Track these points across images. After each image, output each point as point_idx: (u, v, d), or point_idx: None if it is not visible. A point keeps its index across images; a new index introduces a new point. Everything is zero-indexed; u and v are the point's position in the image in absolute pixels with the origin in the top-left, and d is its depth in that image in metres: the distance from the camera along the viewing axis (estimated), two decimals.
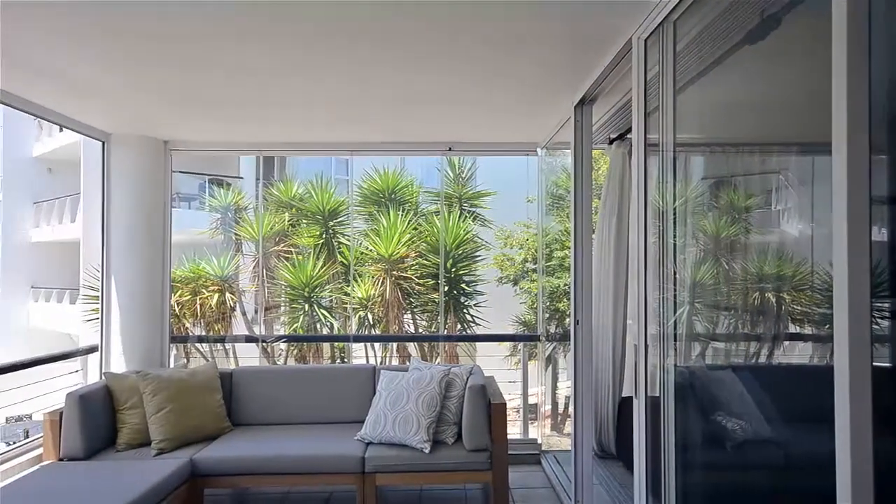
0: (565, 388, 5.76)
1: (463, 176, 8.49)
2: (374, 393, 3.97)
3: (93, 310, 7.28)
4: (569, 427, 4.52)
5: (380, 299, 7.52)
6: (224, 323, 8.03)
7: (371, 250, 7.75)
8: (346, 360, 7.93)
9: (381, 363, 7.81)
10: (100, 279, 4.42)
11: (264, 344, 7.43)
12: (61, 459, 3.46)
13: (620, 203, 4.19)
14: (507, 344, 8.43)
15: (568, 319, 4.93)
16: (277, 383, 4.25)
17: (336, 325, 8.08)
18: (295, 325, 7.82)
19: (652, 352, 2.29)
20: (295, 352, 8.06)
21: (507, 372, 6.99)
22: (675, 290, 2.27)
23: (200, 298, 7.76)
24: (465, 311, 7.89)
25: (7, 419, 10.80)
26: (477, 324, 7.97)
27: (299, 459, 3.50)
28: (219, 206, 9.33)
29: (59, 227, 17.09)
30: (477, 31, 2.46)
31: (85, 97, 3.42)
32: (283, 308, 8.35)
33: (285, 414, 4.16)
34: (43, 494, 2.89)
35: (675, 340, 2.27)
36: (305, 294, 7.61)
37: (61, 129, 15.60)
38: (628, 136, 4.08)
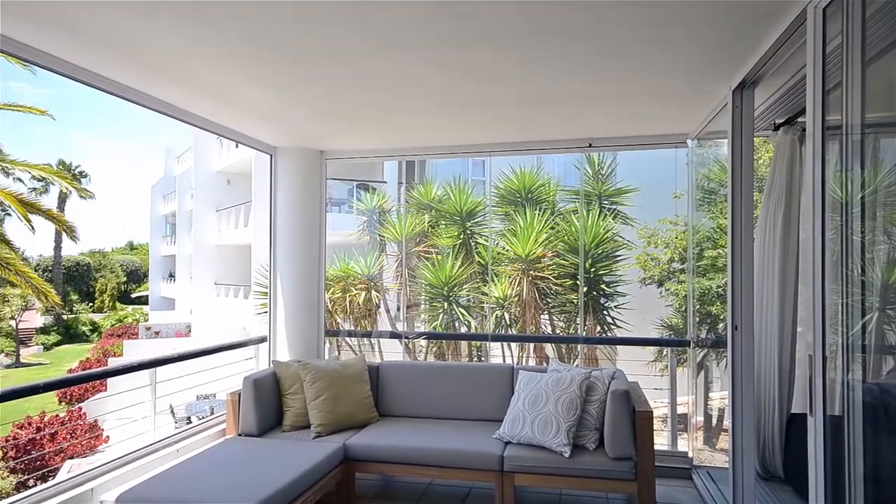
0: (720, 398, 5.27)
1: (603, 172, 8.16)
2: (512, 392, 3.97)
3: (262, 304, 8.22)
4: (724, 442, 4.12)
5: (516, 299, 7.52)
6: (370, 319, 8.59)
7: (508, 250, 7.77)
8: (483, 358, 8.04)
9: (517, 363, 7.80)
10: (268, 277, 4.97)
11: (406, 340, 7.81)
12: (240, 435, 3.95)
13: (789, 196, 3.73)
14: (651, 348, 7.93)
15: (722, 324, 4.50)
16: (420, 378, 4.44)
17: (473, 323, 8.23)
18: (434, 323, 8.11)
19: (831, 364, 2.00)
20: (434, 348, 8.35)
21: (652, 378, 6.58)
22: (861, 293, 1.96)
23: (349, 296, 8.37)
24: (605, 312, 7.59)
25: (197, 397, 12.55)
26: (618, 326, 7.62)
27: (441, 453, 3.62)
28: (365, 210, 9.98)
29: (234, 232, 19.54)
30: (623, 17, 2.34)
31: (257, 116, 3.87)
32: (423, 306, 8.70)
33: (426, 407, 4.33)
34: (227, 463, 3.32)
35: (863, 352, 1.96)
36: (444, 293, 7.85)
37: (237, 146, 17.83)
38: (799, 120, 3.62)
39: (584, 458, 3.45)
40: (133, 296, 43.56)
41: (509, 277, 7.61)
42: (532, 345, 8.13)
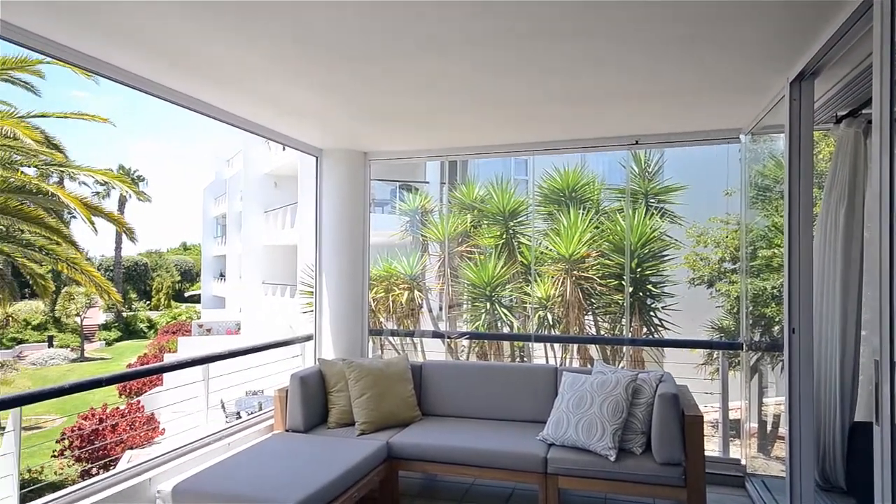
0: (775, 404, 5.05)
1: (650, 170, 7.95)
2: (556, 394, 3.92)
3: (307, 304, 8.40)
4: (780, 450, 3.94)
5: (560, 299, 7.42)
6: (413, 319, 8.64)
7: (551, 250, 7.68)
8: (525, 359, 7.98)
9: (561, 364, 7.70)
10: (313, 277, 5.07)
11: (449, 340, 7.83)
12: (287, 430, 4.05)
13: (852, 191, 3.53)
14: (701, 351, 7.68)
15: (778, 327, 4.31)
16: (462, 378, 4.44)
17: (516, 324, 8.17)
18: (477, 323, 8.10)
19: None
20: (476, 348, 8.33)
21: (701, 382, 6.37)
22: None
23: (392, 296, 8.45)
24: (651, 313, 7.39)
25: (246, 392, 12.95)
26: (665, 328, 7.41)
27: (484, 453, 3.60)
28: (407, 210, 10.06)
29: (281, 232, 20.07)
30: (671, 11, 2.27)
31: (303, 119, 3.95)
32: (465, 306, 8.70)
33: (469, 407, 4.32)
34: (275, 457, 3.41)
35: None
36: (487, 293, 7.83)
37: (284, 148, 18.33)
38: (863, 111, 3.42)
39: (631, 462, 3.37)
40: (186, 294, 45.37)
41: (552, 277, 7.52)
42: (575, 346, 8.01)
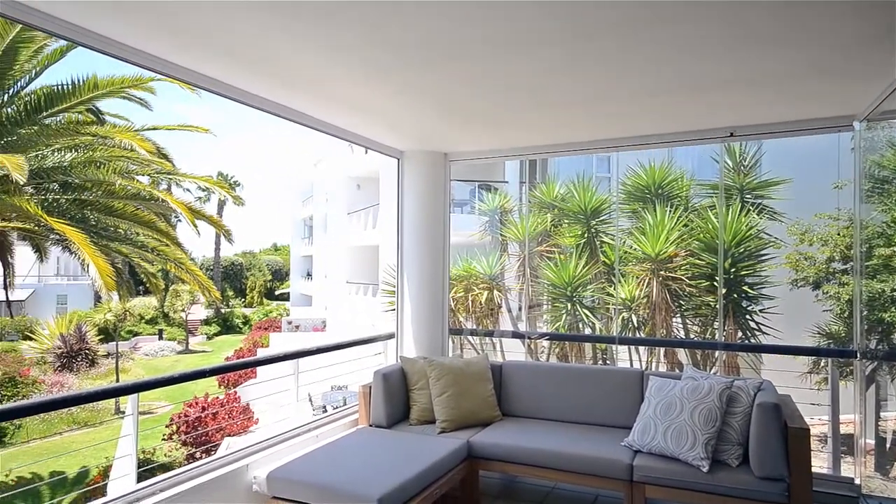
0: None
1: (745, 164, 7.44)
2: (642, 399, 3.76)
3: (389, 302, 8.62)
4: None
5: (645, 300, 7.12)
6: (492, 318, 8.63)
7: (636, 249, 7.39)
8: (608, 361, 7.72)
9: (646, 368, 7.39)
10: (395, 277, 5.19)
11: (529, 340, 7.73)
12: (371, 425, 4.17)
13: None
14: (806, 359, 7.08)
15: None
16: (543, 379, 4.37)
17: (598, 325, 7.93)
18: (557, 324, 7.95)
19: None
20: (557, 350, 8.18)
21: (806, 392, 5.87)
22: None
23: (472, 295, 8.49)
24: (747, 316, 6.92)
25: (332, 387, 13.50)
26: (763, 332, 6.91)
27: (567, 457, 3.53)
28: (487, 210, 10.07)
29: (364, 233, 20.72)
30: None
31: (384, 122, 4.06)
32: (545, 306, 8.57)
33: (550, 409, 4.25)
34: (360, 451, 3.53)
35: None
36: (568, 293, 7.66)
37: (366, 151, 18.91)
38: None
39: (725, 474, 3.17)
40: (277, 293, 48.06)
41: (637, 278, 7.23)
42: (662, 350, 7.65)
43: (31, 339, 23.34)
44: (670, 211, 7.24)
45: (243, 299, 47.02)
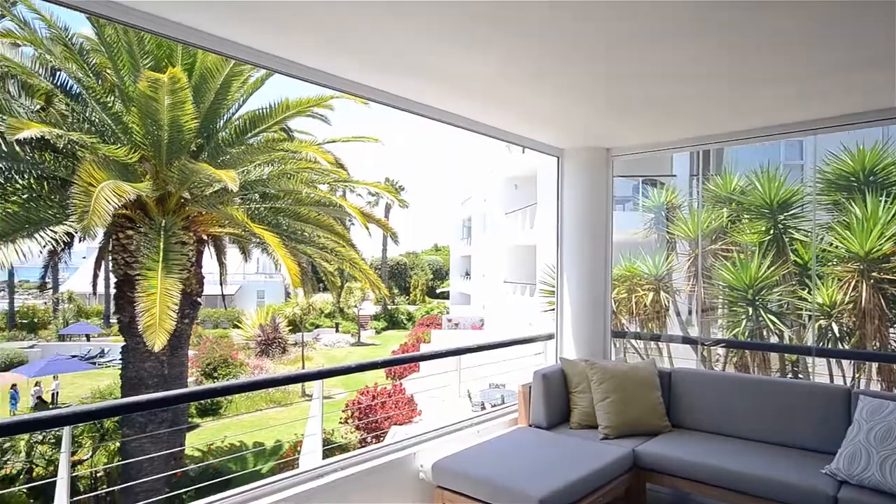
0: None
1: None
2: (850, 422, 3.23)
3: (548, 302, 8.52)
4: None
5: (851, 306, 6.09)
6: (658, 322, 8.08)
7: (838, 247, 6.36)
8: (800, 375, 6.76)
9: (853, 385, 6.31)
10: (553, 277, 5.11)
11: (702, 347, 7.09)
12: (530, 425, 4.16)
13: None
14: None
15: None
16: (720, 390, 3.97)
17: (787, 333, 6.99)
18: (735, 330, 7.17)
19: None
20: (735, 358, 7.38)
21: None
22: None
23: (636, 296, 8.03)
24: None
25: (489, 385, 13.75)
26: None
27: (754, 480, 3.16)
28: (652, 206, 9.45)
29: (521, 233, 20.78)
30: None
31: (543, 121, 4.02)
32: (720, 310, 7.78)
33: (729, 424, 3.84)
34: (521, 450, 3.54)
35: None
36: (748, 297, 6.87)
37: (524, 151, 18.96)
38: None
39: None
40: (437, 291, 50.38)
41: (840, 280, 6.22)
42: (874, 365, 6.48)
43: (238, 327, 27.44)
44: (886, 201, 6.09)
45: (407, 297, 50.14)
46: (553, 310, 5.11)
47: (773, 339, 7.08)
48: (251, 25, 2.44)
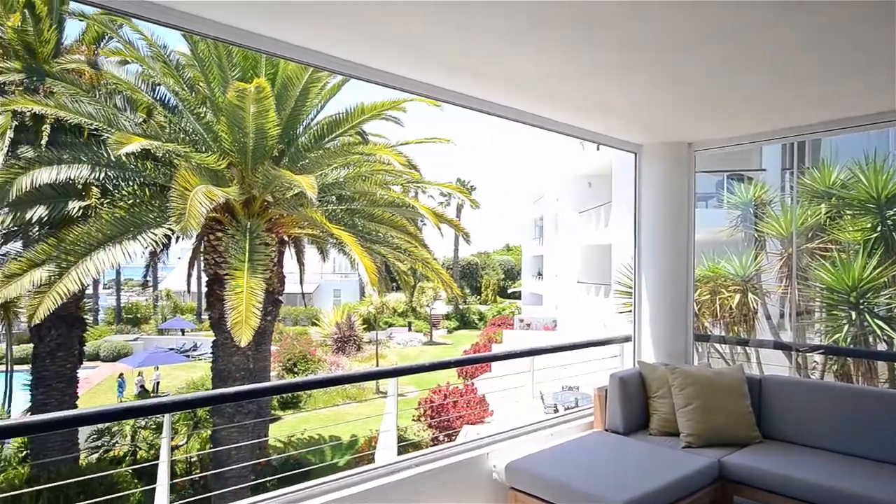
0: None
1: None
2: None
3: (624, 304, 8.23)
4: None
5: None
6: (746, 325, 7.60)
7: None
8: None
9: None
10: (632, 277, 4.93)
11: (797, 353, 6.60)
12: (606, 430, 4.04)
13: None
14: None
15: None
16: (817, 400, 3.68)
17: None
18: (836, 336, 6.60)
19: None
20: (835, 366, 6.81)
21: None
22: None
23: (720, 298, 7.60)
24: None
25: (562, 387, 13.51)
26: None
27: (851, 498, 2.90)
28: (739, 203, 8.90)
29: (595, 232, 20.25)
30: None
31: (620, 117, 3.88)
32: (818, 314, 7.20)
33: (827, 438, 3.55)
34: (597, 455, 3.45)
35: None
36: (851, 300, 6.31)
37: (598, 148, 18.46)
38: None
39: None
40: (509, 291, 50.09)
41: None
42: None
43: (316, 325, 28.57)
44: None
45: (478, 297, 50.19)
46: (630, 311, 4.93)
47: (881, 346, 6.47)
48: (338, 35, 2.53)
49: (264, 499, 2.79)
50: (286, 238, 10.60)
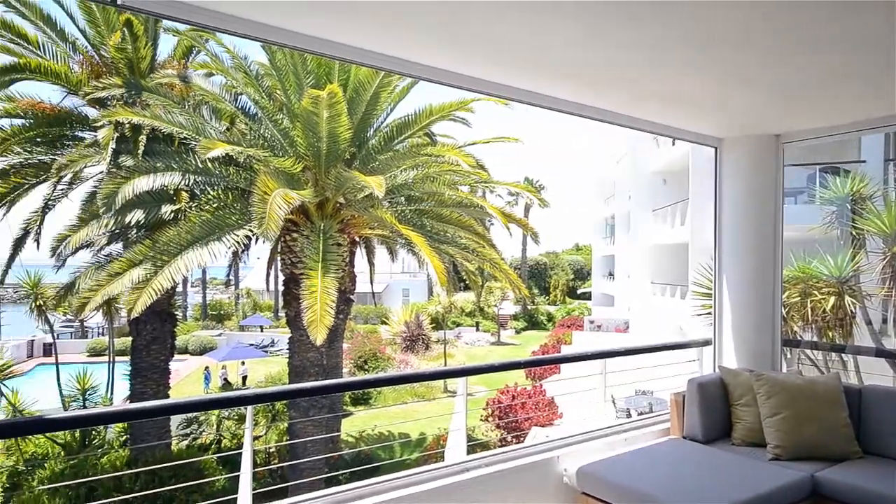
0: None
1: None
2: None
3: (702, 305, 7.83)
4: None
5: None
6: (842, 331, 7.03)
7: None
8: None
9: None
10: (712, 278, 4.68)
11: None
12: (684, 437, 3.85)
13: None
14: None
15: None
16: None
17: None
18: None
19: None
20: None
21: None
22: None
23: (812, 301, 7.08)
24: None
25: (636, 391, 13.04)
26: None
27: None
28: (834, 198, 8.24)
29: (670, 231, 19.41)
30: None
31: (699, 110, 3.69)
32: None
33: None
34: (674, 463, 3.30)
35: None
36: None
37: (673, 143, 17.69)
38: None
39: None
40: (578, 292, 48.97)
41: None
42: None
43: (385, 323, 29.17)
44: None
45: (547, 297, 49.41)
46: (709, 313, 4.69)
47: None
48: (415, 38, 2.57)
49: (337, 491, 2.88)
50: (357, 239, 10.90)
